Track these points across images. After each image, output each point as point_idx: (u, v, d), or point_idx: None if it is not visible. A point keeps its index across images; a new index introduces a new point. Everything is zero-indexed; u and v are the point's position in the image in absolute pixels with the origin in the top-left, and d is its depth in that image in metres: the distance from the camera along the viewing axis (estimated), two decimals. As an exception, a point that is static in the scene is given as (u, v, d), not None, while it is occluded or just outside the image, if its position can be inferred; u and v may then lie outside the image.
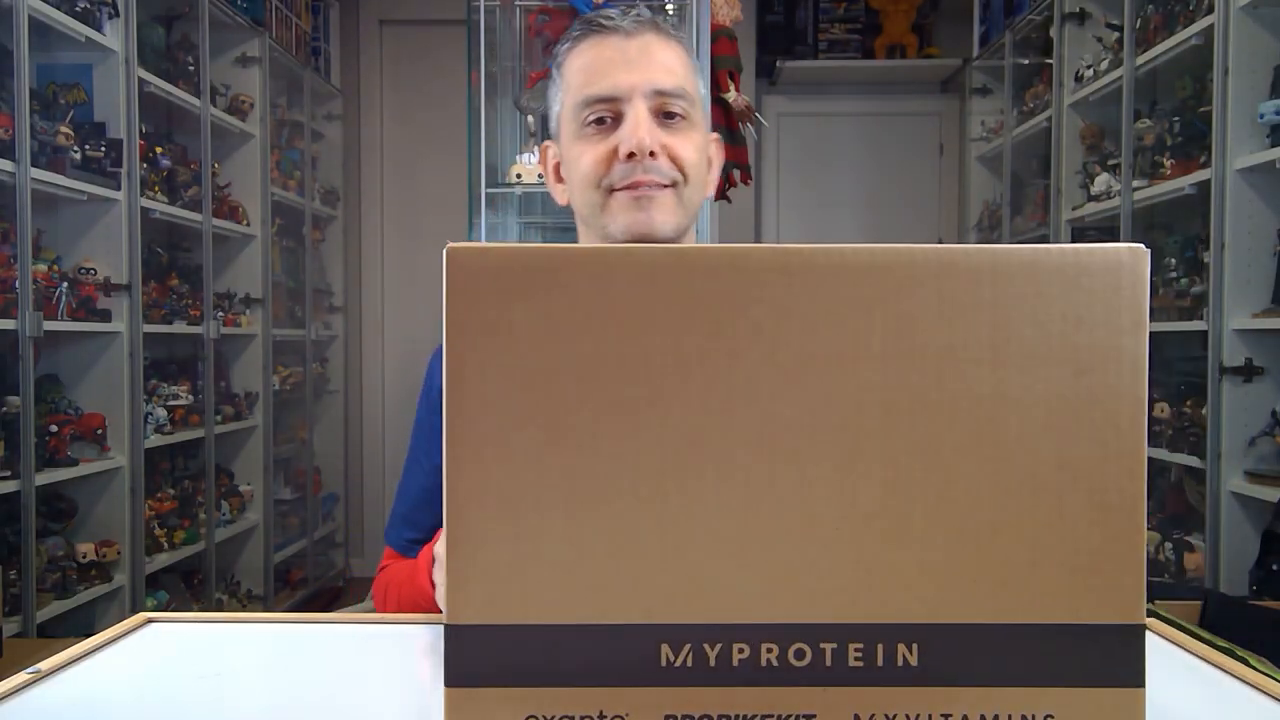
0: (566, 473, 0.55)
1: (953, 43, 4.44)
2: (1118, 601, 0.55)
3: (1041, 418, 0.54)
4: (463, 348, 0.55)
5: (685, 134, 1.06)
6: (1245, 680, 0.74)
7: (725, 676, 0.55)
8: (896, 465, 0.54)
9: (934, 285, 0.54)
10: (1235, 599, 1.98)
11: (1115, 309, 0.54)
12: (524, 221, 3.40)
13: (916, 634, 0.55)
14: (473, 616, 0.55)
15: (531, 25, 3.08)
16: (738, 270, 0.54)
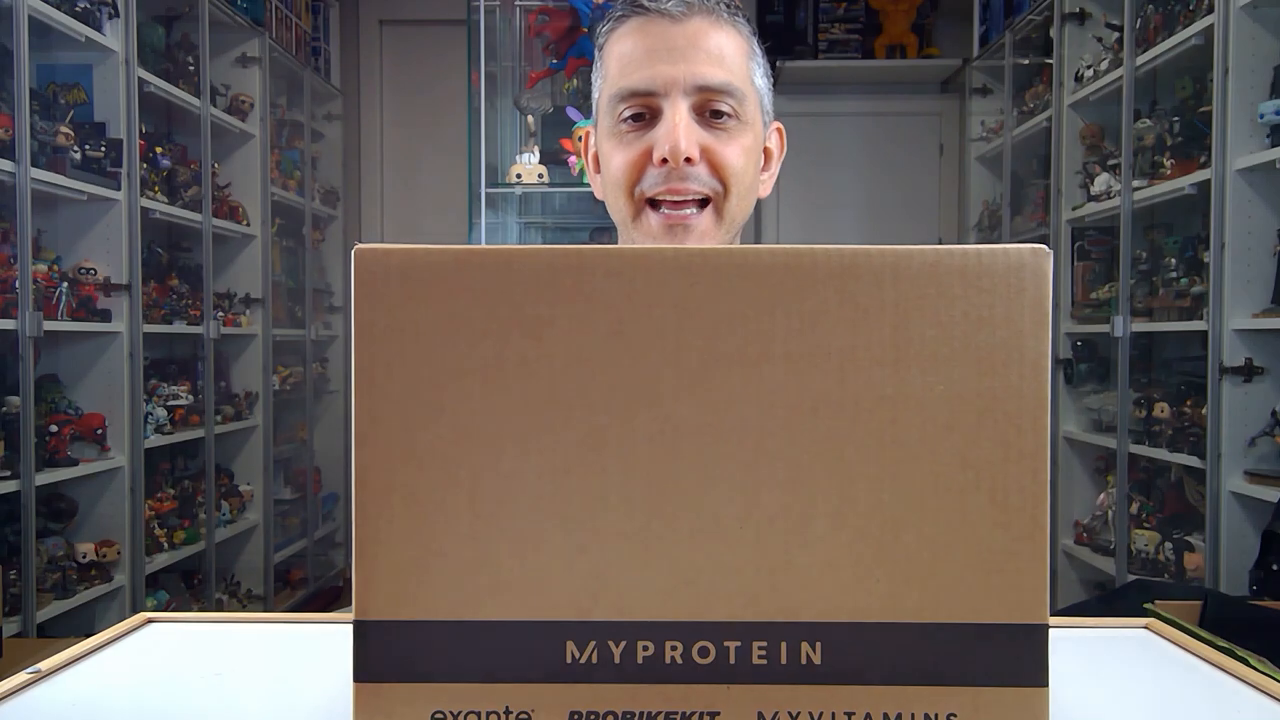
0: (471, 472, 0.55)
1: (953, 43, 4.44)
2: (1020, 601, 0.54)
3: (943, 418, 0.54)
4: (370, 348, 0.55)
5: (732, 136, 0.94)
6: (1245, 680, 0.74)
7: (630, 674, 0.55)
8: (799, 465, 0.54)
9: (836, 285, 0.54)
10: (1235, 599, 1.98)
11: (1018, 310, 0.54)
12: (524, 221, 3.40)
13: (819, 633, 0.55)
14: (379, 612, 0.56)
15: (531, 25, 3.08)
16: (640, 272, 0.54)
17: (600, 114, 0.99)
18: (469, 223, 3.01)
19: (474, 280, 0.55)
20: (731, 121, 0.94)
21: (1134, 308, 2.78)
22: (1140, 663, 0.80)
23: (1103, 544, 2.95)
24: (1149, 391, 2.78)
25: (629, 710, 0.55)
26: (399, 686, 0.56)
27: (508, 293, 0.55)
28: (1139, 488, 2.87)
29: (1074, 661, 0.81)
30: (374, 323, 0.55)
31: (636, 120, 0.94)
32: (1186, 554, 2.51)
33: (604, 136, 0.98)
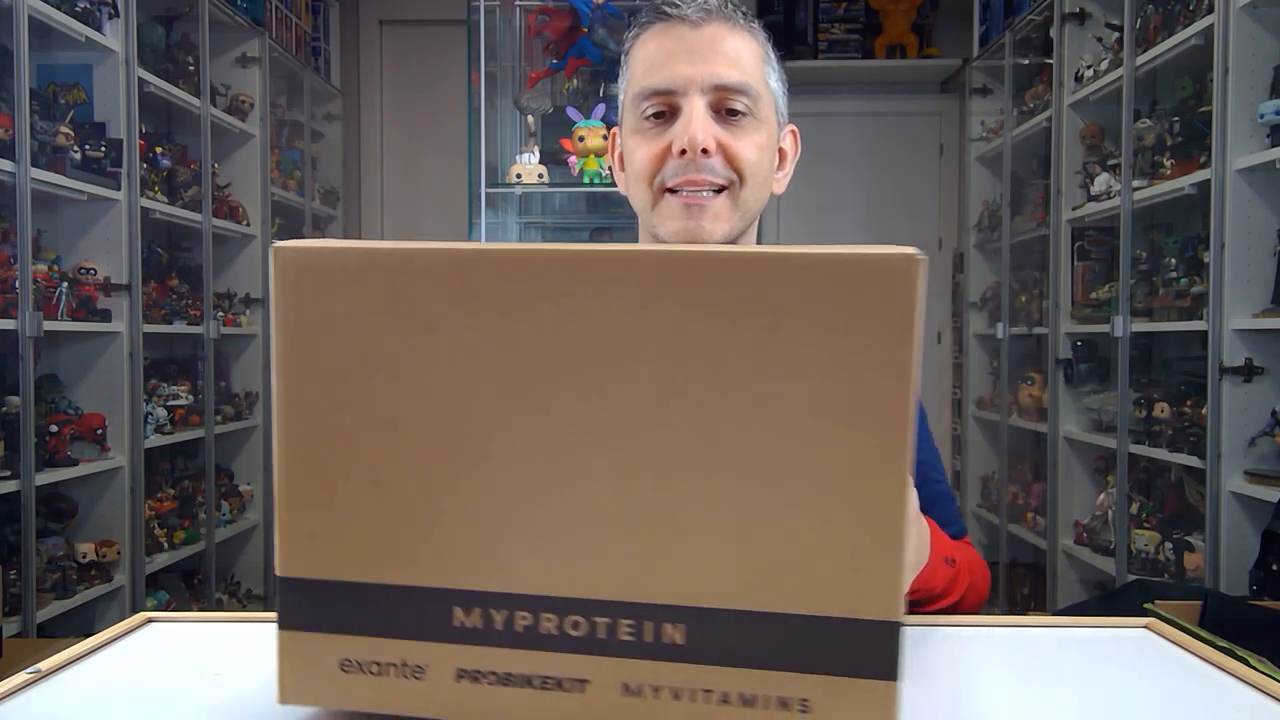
0: (374, 452, 0.61)
1: (953, 43, 4.44)
2: (875, 598, 0.56)
3: (809, 420, 0.56)
4: (287, 339, 0.61)
5: (746, 132, 1.00)
6: (1245, 680, 0.74)
7: (509, 640, 0.60)
8: (669, 459, 0.57)
9: (709, 286, 0.56)
10: (1235, 599, 1.98)
11: (886, 314, 0.55)
12: (524, 221, 3.40)
13: (683, 615, 0.58)
14: (296, 571, 0.63)
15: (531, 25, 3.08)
16: (527, 270, 0.58)
17: (625, 112, 1.06)
18: (469, 223, 3.02)
19: (378, 277, 0.59)
20: (746, 119, 1.00)
21: (1134, 308, 2.78)
22: (1140, 663, 0.80)
23: (1103, 544, 2.95)
24: (1149, 391, 2.78)
25: (508, 672, 0.61)
26: (316, 635, 0.63)
27: (408, 289, 0.59)
28: (1139, 488, 2.87)
29: (1074, 661, 0.81)
30: (290, 316, 0.60)
31: (658, 117, 1.01)
32: (1186, 554, 2.51)
33: (629, 133, 1.05)
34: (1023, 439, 3.70)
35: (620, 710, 0.59)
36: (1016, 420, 3.67)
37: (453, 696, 0.62)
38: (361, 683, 0.63)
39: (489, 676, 0.61)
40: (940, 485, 1.13)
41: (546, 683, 0.60)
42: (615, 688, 0.59)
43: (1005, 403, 3.73)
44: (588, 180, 2.86)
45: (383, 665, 0.62)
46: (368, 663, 0.63)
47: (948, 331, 4.59)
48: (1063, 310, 3.24)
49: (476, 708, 0.61)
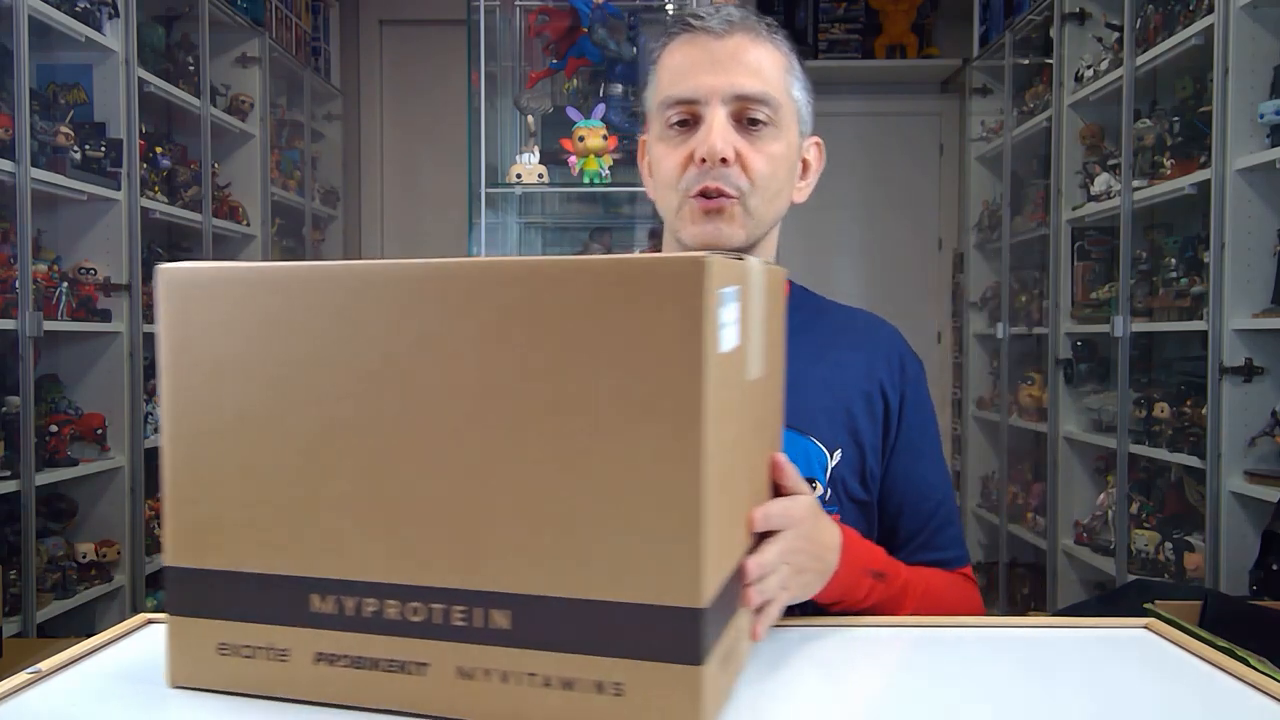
0: (244, 451, 0.68)
1: (953, 43, 4.44)
2: (675, 586, 0.60)
3: (609, 415, 0.60)
4: (171, 349, 0.69)
5: (764, 141, 1.02)
6: (1245, 680, 0.74)
7: (360, 625, 0.66)
8: (489, 456, 0.62)
9: (520, 294, 0.61)
10: (1235, 599, 1.98)
11: (674, 317, 0.59)
12: (524, 221, 3.40)
13: (508, 602, 0.63)
14: (180, 560, 0.70)
15: (531, 25, 3.08)
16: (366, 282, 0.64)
17: (651, 120, 1.09)
18: (469, 223, 3.01)
19: (245, 293, 0.67)
20: (766, 129, 1.02)
21: (1134, 308, 2.78)
22: (1140, 663, 0.80)
23: (1103, 544, 2.95)
24: (1149, 391, 2.78)
25: (361, 656, 0.66)
26: (195, 620, 0.70)
27: (269, 302, 0.66)
28: (1139, 488, 2.87)
29: (1074, 661, 0.81)
30: (173, 329, 0.69)
31: (682, 125, 1.03)
32: (1186, 554, 2.51)
33: (655, 140, 1.08)
34: (1023, 439, 3.69)
35: (456, 692, 0.64)
36: (1016, 420, 3.67)
37: (313, 678, 0.67)
38: (236, 665, 0.69)
39: (343, 659, 0.66)
40: (941, 507, 1.11)
41: (392, 665, 0.65)
42: (451, 670, 0.64)
43: (1005, 403, 3.73)
44: (588, 180, 2.86)
45: (253, 649, 0.68)
46: (240, 646, 0.69)
47: (948, 331, 4.59)
48: (1063, 310, 3.24)
49: (333, 689, 0.67)
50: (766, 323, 0.77)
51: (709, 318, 0.59)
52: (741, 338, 0.67)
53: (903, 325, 1.14)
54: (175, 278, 0.69)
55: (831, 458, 1.04)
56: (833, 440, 1.05)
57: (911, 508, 1.09)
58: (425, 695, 0.65)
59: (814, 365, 1.07)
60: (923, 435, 1.11)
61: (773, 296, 0.80)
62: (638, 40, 2.90)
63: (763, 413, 0.78)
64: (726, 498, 0.65)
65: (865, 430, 1.07)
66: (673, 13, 1.09)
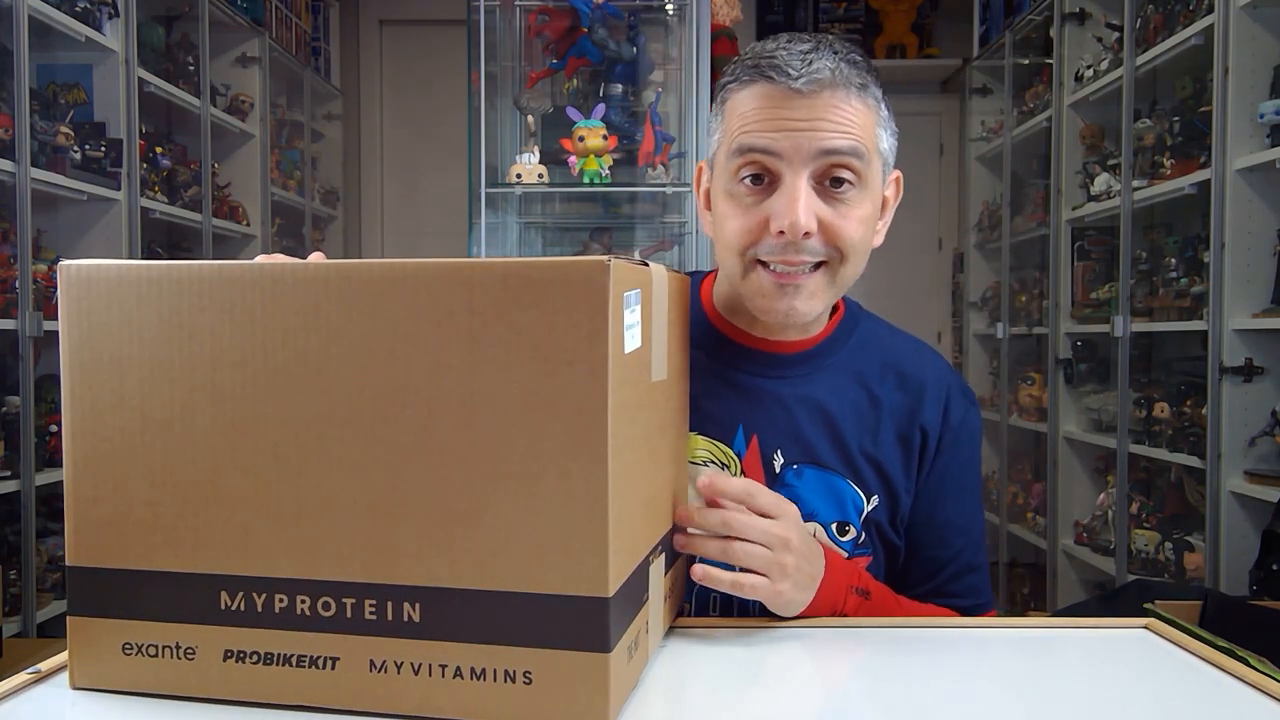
0: (150, 450, 0.68)
1: (953, 43, 4.44)
2: (583, 576, 0.62)
3: (516, 412, 0.62)
4: (71, 349, 0.69)
5: (851, 207, 0.92)
6: (1245, 680, 0.74)
7: (269, 621, 0.66)
8: (398, 452, 0.64)
9: (428, 295, 0.63)
10: (1235, 599, 1.98)
11: (581, 317, 0.61)
12: (524, 221, 3.40)
13: (418, 595, 0.64)
14: (82, 560, 0.69)
15: (531, 25, 3.08)
16: (276, 285, 0.65)
17: (718, 168, 0.98)
18: (469, 223, 3.01)
19: (152, 291, 0.67)
20: (851, 191, 0.92)
21: (1134, 308, 2.78)
22: (1140, 663, 0.80)
23: (1103, 544, 2.95)
24: (1149, 391, 2.78)
25: (270, 651, 0.66)
26: (97, 621, 0.69)
27: (177, 301, 0.67)
28: (1139, 488, 2.87)
29: (1074, 661, 0.81)
30: (74, 326, 0.69)
31: (755, 183, 0.93)
32: (1186, 554, 2.51)
33: (720, 194, 0.97)
34: (1023, 439, 3.69)
35: (367, 685, 0.65)
36: (1016, 420, 3.67)
37: (221, 676, 0.67)
38: (141, 665, 0.69)
39: (252, 656, 0.67)
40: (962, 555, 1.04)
41: (302, 661, 0.66)
42: (363, 664, 0.65)
43: (1005, 403, 3.73)
44: (588, 180, 2.86)
45: (159, 648, 0.68)
46: (145, 645, 0.68)
47: (948, 331, 4.59)
48: (1063, 310, 3.24)
49: (242, 687, 0.67)
50: (669, 328, 0.80)
51: (614, 319, 0.61)
52: (644, 341, 0.69)
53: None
54: (75, 275, 0.69)
55: (868, 502, 1.00)
56: (869, 485, 1.00)
57: (926, 549, 1.04)
58: (336, 689, 0.66)
59: (854, 405, 1.01)
60: (953, 480, 1.04)
61: (676, 302, 0.83)
62: (638, 40, 2.90)
63: (665, 414, 0.80)
64: (632, 493, 0.67)
65: (901, 475, 1.02)
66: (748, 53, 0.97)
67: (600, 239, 3.30)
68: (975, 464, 1.07)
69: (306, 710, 0.66)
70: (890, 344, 1.07)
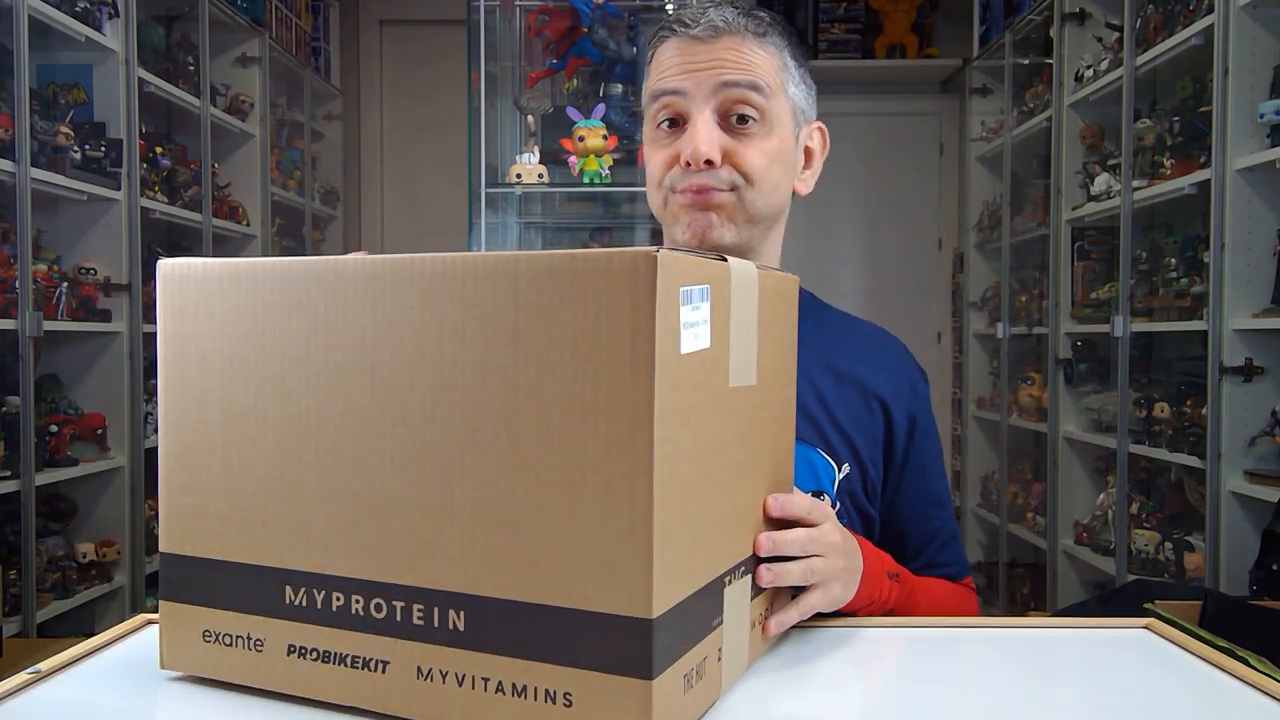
0: (227, 442, 0.69)
1: (953, 43, 4.44)
2: (625, 594, 0.57)
3: (558, 416, 0.59)
4: (166, 342, 0.71)
5: (755, 139, 1.00)
6: (1245, 680, 0.74)
7: (328, 619, 0.66)
8: (445, 453, 0.62)
9: (474, 288, 0.61)
10: (1235, 599, 1.98)
11: (624, 313, 0.57)
12: (524, 221, 3.40)
13: (463, 603, 0.62)
14: (171, 547, 0.72)
15: (531, 25, 3.08)
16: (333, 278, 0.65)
17: (645, 121, 1.08)
18: (469, 223, 3.01)
19: (224, 286, 0.69)
20: (755, 125, 1.00)
21: (1134, 308, 2.78)
22: (1140, 663, 0.80)
23: (1103, 544, 2.95)
24: (1149, 391, 2.78)
25: (328, 650, 0.66)
26: (185, 607, 0.71)
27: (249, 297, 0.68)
28: (1139, 488, 2.87)
29: (1074, 661, 0.81)
30: (166, 321, 0.71)
31: (672, 126, 1.02)
32: (1186, 554, 2.51)
33: (646, 141, 1.07)
34: (1023, 439, 3.69)
35: (415, 692, 0.64)
36: (1016, 420, 3.67)
37: (285, 670, 0.68)
38: (218, 653, 0.70)
39: (313, 653, 0.67)
40: (946, 525, 1.11)
41: (357, 661, 0.65)
42: (410, 669, 0.64)
43: (1005, 403, 3.73)
44: (588, 180, 2.86)
45: (233, 637, 0.69)
46: (222, 634, 0.70)
47: (948, 331, 4.59)
48: (1063, 310, 3.24)
49: (303, 682, 0.67)
50: (767, 329, 0.74)
51: (664, 315, 0.57)
52: (717, 341, 0.65)
53: (903, 325, 1.14)
54: (171, 271, 0.71)
55: (840, 471, 1.04)
56: (840, 454, 1.04)
57: (918, 526, 1.09)
58: (386, 693, 0.65)
59: (821, 378, 1.06)
60: (925, 451, 1.10)
61: (773, 302, 0.76)
62: (638, 40, 2.90)
63: (754, 424, 0.73)
64: (694, 506, 0.63)
65: (870, 445, 1.06)
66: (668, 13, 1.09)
67: (600, 239, 3.30)
68: (936, 438, 1.14)
69: (359, 713, 0.65)
70: (845, 324, 1.15)
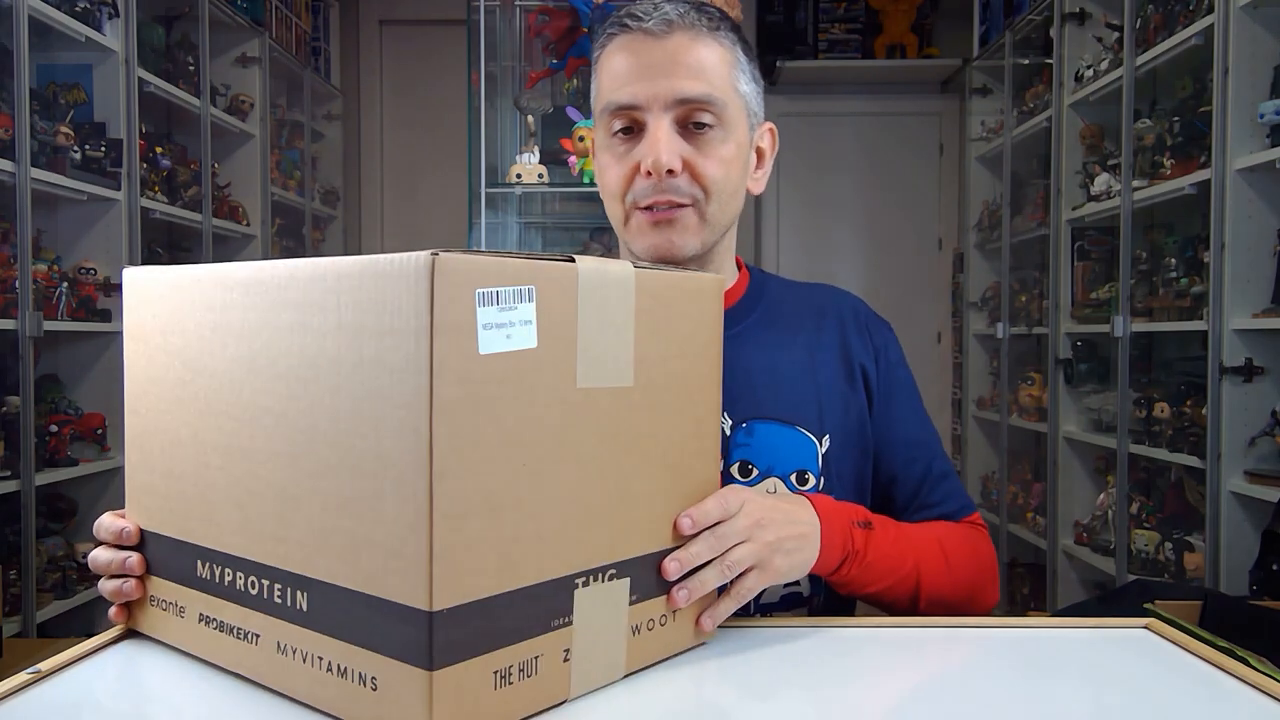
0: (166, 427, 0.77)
1: (953, 43, 4.44)
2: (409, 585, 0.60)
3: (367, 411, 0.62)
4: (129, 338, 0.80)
5: (712, 146, 0.99)
6: (1245, 680, 0.74)
7: (224, 592, 0.72)
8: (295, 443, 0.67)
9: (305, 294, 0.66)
10: (1235, 599, 1.98)
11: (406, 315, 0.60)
12: (524, 221, 3.40)
13: (302, 584, 0.67)
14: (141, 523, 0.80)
15: (531, 25, 3.08)
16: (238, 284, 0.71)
17: (596, 125, 1.06)
18: (469, 223, 3.01)
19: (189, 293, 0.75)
20: (713, 131, 0.99)
21: (1134, 308, 2.78)
22: (1140, 663, 0.80)
23: (1103, 544, 2.95)
24: (1149, 391, 2.78)
25: (222, 620, 0.73)
26: (150, 579, 0.80)
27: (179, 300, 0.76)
28: (1139, 488, 2.87)
29: (1074, 661, 0.81)
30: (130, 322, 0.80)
31: (626, 134, 1.00)
32: (1186, 554, 2.51)
33: (600, 149, 1.05)
34: (1023, 439, 3.69)
35: (275, 665, 0.69)
36: (1016, 420, 3.67)
37: (198, 636, 0.75)
38: (159, 618, 0.79)
39: (214, 622, 0.73)
40: (934, 463, 1.10)
41: (239, 633, 0.71)
42: (273, 644, 0.69)
43: (1005, 403, 3.73)
44: (588, 180, 2.86)
45: (166, 604, 0.78)
46: (160, 600, 0.78)
47: (948, 331, 4.59)
48: (1063, 310, 3.24)
49: (209, 648, 0.74)
50: (660, 330, 0.75)
51: (447, 315, 0.59)
52: (552, 340, 0.66)
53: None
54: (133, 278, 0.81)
55: (821, 444, 1.03)
56: (820, 426, 1.04)
57: (902, 471, 1.09)
58: (260, 664, 0.70)
59: (787, 354, 1.06)
60: (901, 396, 1.10)
61: (677, 302, 0.77)
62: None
63: (628, 425, 0.73)
64: (501, 504, 0.63)
65: (852, 405, 1.06)
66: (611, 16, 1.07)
67: (600, 239, 3.30)
68: (911, 381, 1.13)
69: (249, 683, 0.71)
70: (800, 291, 1.15)
